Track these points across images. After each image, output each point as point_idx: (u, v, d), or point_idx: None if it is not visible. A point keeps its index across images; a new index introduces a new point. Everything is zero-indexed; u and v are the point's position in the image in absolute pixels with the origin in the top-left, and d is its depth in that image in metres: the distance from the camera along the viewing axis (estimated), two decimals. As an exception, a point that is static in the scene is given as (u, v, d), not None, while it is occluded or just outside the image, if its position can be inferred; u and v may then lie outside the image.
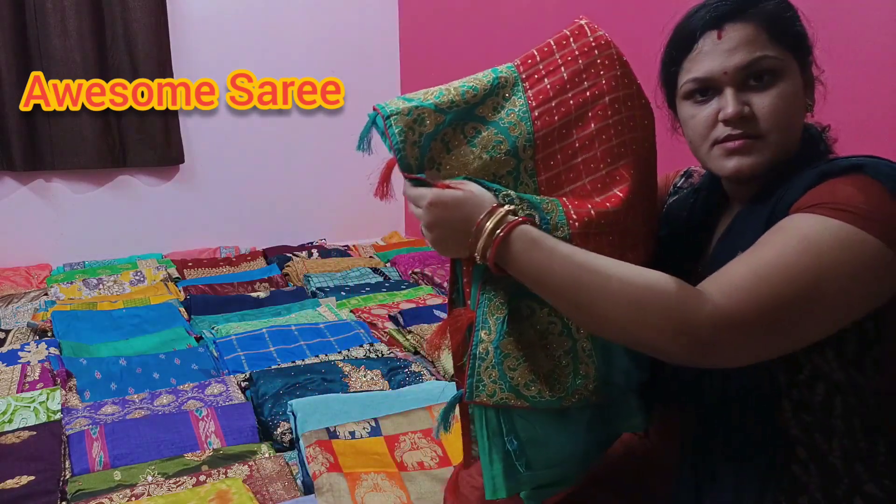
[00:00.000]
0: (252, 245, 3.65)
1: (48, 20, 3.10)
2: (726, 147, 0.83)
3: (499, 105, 0.87)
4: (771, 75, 0.81)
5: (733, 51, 0.81)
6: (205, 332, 2.39)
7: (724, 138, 0.83)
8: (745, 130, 0.82)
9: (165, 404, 1.81)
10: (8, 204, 3.26)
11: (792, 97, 0.82)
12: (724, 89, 0.83)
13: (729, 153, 0.83)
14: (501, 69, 0.90)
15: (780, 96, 0.81)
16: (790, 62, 0.82)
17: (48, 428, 1.65)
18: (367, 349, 2.16)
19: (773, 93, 0.81)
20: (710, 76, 0.83)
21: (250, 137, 3.68)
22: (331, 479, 1.40)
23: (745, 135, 0.82)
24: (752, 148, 0.82)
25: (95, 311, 2.59)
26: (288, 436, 1.68)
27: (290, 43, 3.69)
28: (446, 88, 0.86)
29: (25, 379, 1.91)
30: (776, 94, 0.81)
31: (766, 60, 0.80)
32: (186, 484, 1.43)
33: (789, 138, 0.83)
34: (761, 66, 0.81)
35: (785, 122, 0.82)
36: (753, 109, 0.82)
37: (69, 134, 3.20)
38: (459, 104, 0.85)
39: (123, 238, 3.45)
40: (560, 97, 0.88)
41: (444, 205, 0.81)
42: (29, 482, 1.44)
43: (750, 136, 0.82)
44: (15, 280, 3.05)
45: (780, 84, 0.81)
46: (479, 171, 0.85)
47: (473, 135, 0.86)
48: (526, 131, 0.86)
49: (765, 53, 0.80)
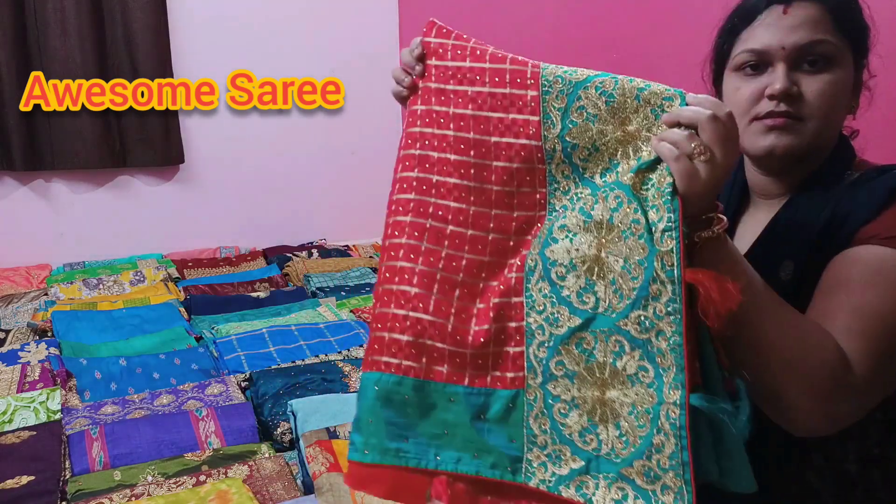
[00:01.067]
0: (252, 245, 3.64)
1: (48, 20, 3.10)
2: (766, 123, 0.82)
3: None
4: (826, 61, 0.80)
5: (796, 28, 0.80)
6: (205, 332, 2.39)
7: (766, 114, 0.82)
8: (789, 109, 0.81)
9: (165, 404, 1.81)
10: (8, 204, 3.26)
11: (841, 88, 0.81)
12: (776, 65, 0.81)
13: (767, 130, 0.82)
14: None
15: (831, 83, 0.80)
16: (847, 54, 0.81)
17: (48, 428, 1.64)
18: (367, 349, 2.16)
19: (824, 78, 0.80)
20: (767, 49, 0.82)
21: (250, 137, 3.67)
22: (331, 479, 1.40)
23: (788, 114, 0.81)
24: (791, 129, 0.81)
25: (95, 311, 2.59)
26: (288, 436, 1.67)
27: (290, 43, 3.69)
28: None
29: (25, 379, 1.91)
30: (827, 80, 0.80)
31: (825, 45, 0.80)
32: (186, 484, 1.43)
33: (828, 130, 0.82)
34: (819, 50, 0.80)
35: (828, 111, 0.81)
36: (801, 91, 0.81)
37: (69, 134, 3.20)
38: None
39: (123, 238, 3.45)
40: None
41: (730, 117, 0.68)
42: (29, 482, 1.44)
43: (791, 117, 0.81)
44: (15, 280, 3.05)
45: (833, 71, 0.80)
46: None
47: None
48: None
49: (826, 37, 0.80)
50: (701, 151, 0.66)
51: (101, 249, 3.39)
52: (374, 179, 4.03)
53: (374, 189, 4.35)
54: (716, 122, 0.66)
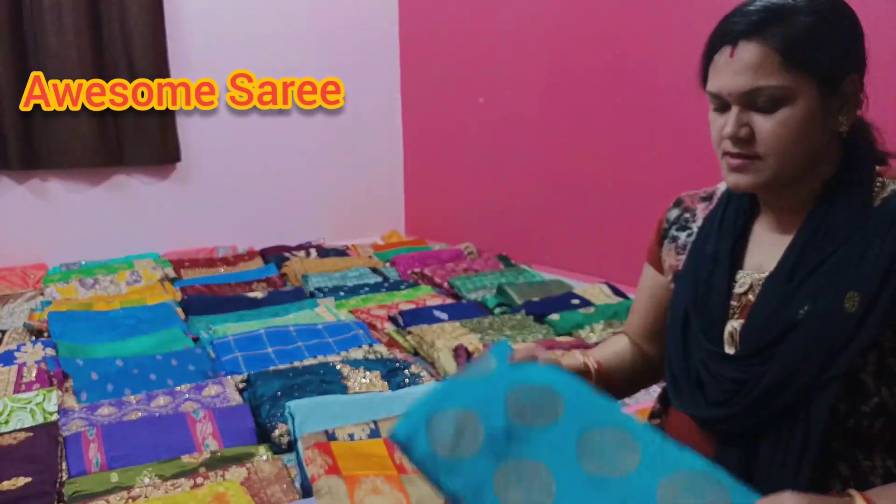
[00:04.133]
0: (249, 245, 3.63)
1: (45, 19, 3.09)
2: (728, 162, 0.85)
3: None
4: (774, 102, 0.80)
5: (739, 73, 0.80)
6: (202, 333, 2.38)
7: (727, 153, 0.85)
8: (742, 150, 0.83)
9: (162, 406, 1.80)
10: (4, 203, 3.24)
11: (798, 123, 0.80)
12: (732, 107, 0.83)
13: (730, 168, 0.85)
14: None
15: (782, 123, 0.80)
16: (803, 88, 0.79)
17: (45, 429, 1.63)
18: (365, 350, 2.15)
19: (775, 118, 0.80)
20: (719, 94, 0.84)
21: (250, 137, 3.67)
22: (329, 481, 1.39)
23: (743, 154, 0.83)
24: (750, 168, 0.83)
25: (92, 311, 2.58)
26: (286, 438, 1.66)
27: (290, 43, 3.69)
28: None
29: (22, 380, 1.90)
30: (778, 120, 0.80)
31: (767, 90, 0.79)
32: (184, 486, 1.42)
33: (793, 160, 0.82)
34: (765, 94, 0.80)
35: (785, 148, 0.81)
36: (755, 130, 0.82)
37: (65, 133, 3.19)
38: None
39: (120, 238, 3.44)
40: None
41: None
42: (25, 484, 1.43)
43: (747, 157, 0.83)
44: (11, 280, 3.03)
45: (785, 110, 0.80)
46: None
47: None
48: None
49: (767, 83, 0.79)
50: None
51: (98, 249, 3.38)
52: (374, 179, 4.08)
53: (373, 189, 4.39)
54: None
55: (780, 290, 0.83)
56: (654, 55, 2.52)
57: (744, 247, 0.92)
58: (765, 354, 0.82)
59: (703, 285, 0.92)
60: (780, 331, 0.81)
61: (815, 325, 0.79)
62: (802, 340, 0.80)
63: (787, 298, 0.82)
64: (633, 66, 2.60)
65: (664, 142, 2.49)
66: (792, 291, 0.83)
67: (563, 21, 2.89)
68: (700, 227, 0.98)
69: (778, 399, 0.81)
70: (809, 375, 0.79)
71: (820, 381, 0.78)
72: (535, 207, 3.18)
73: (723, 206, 0.96)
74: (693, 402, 0.90)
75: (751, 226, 0.93)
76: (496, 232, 3.47)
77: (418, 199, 4.11)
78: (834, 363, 0.78)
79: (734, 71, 0.81)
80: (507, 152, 3.30)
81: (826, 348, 0.78)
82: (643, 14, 2.55)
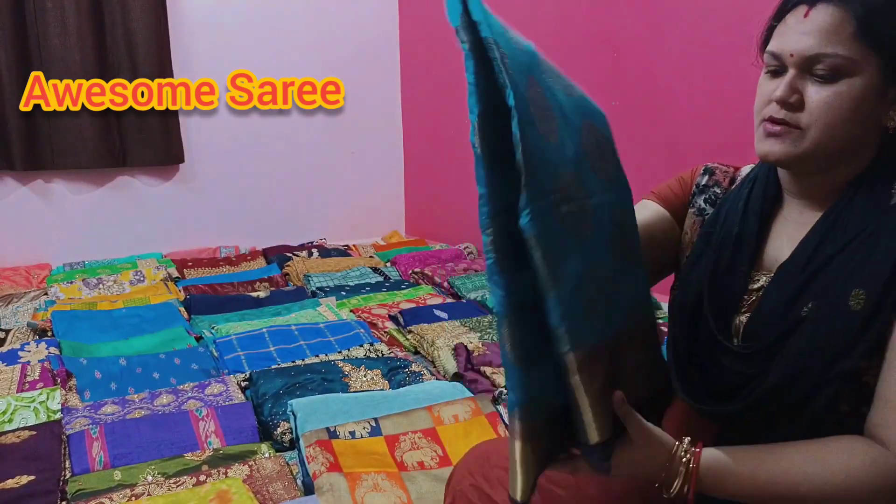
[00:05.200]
0: (252, 245, 3.65)
1: (48, 20, 3.10)
2: (765, 128, 0.81)
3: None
4: (834, 73, 0.77)
5: (808, 34, 0.77)
6: (205, 332, 2.39)
7: (768, 118, 0.81)
8: (787, 117, 0.79)
9: (165, 404, 1.81)
10: (8, 204, 3.26)
11: (852, 100, 0.77)
12: (788, 70, 0.80)
13: (766, 135, 0.81)
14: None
15: (837, 95, 0.77)
16: (869, 64, 0.76)
17: (48, 428, 1.64)
18: (367, 349, 2.16)
19: (831, 89, 0.77)
20: (780, 54, 0.80)
21: (250, 137, 3.68)
22: (331, 479, 1.40)
23: (785, 121, 0.80)
24: (788, 136, 0.80)
25: (95, 310, 2.59)
26: (288, 436, 1.68)
27: (290, 43, 3.69)
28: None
29: (25, 378, 1.91)
30: (833, 92, 0.77)
31: (833, 59, 0.76)
32: (186, 484, 1.43)
33: (834, 141, 0.79)
34: (827, 63, 0.77)
35: (832, 122, 0.77)
36: (805, 99, 0.79)
37: (69, 134, 3.20)
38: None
39: (123, 238, 3.45)
40: None
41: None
42: (29, 482, 1.44)
43: (789, 124, 0.79)
44: (15, 280, 3.05)
45: (843, 82, 0.77)
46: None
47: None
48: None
49: (835, 51, 0.76)
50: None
51: (101, 249, 3.40)
52: (374, 179, 4.09)
53: (373, 189, 4.39)
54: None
55: (788, 286, 0.82)
56: (652, 58, 2.52)
57: (764, 238, 0.89)
58: (770, 350, 0.81)
59: (724, 270, 0.89)
60: (786, 327, 0.80)
61: (819, 322, 0.78)
62: (807, 338, 0.78)
63: (795, 295, 0.81)
64: (632, 68, 2.60)
65: (662, 143, 2.50)
66: (799, 288, 0.81)
67: (562, 23, 2.89)
68: (720, 208, 0.94)
69: (783, 396, 0.80)
70: (815, 373, 0.78)
71: (824, 380, 0.77)
72: (536, 206, 3.19)
73: (748, 190, 0.92)
74: (697, 393, 0.88)
75: (774, 215, 0.90)
76: (497, 231, 3.47)
77: (418, 200, 4.12)
78: (838, 362, 0.76)
79: (804, 31, 0.77)
80: (508, 152, 3.30)
81: (831, 346, 0.77)
82: (641, 17, 2.55)
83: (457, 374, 2.01)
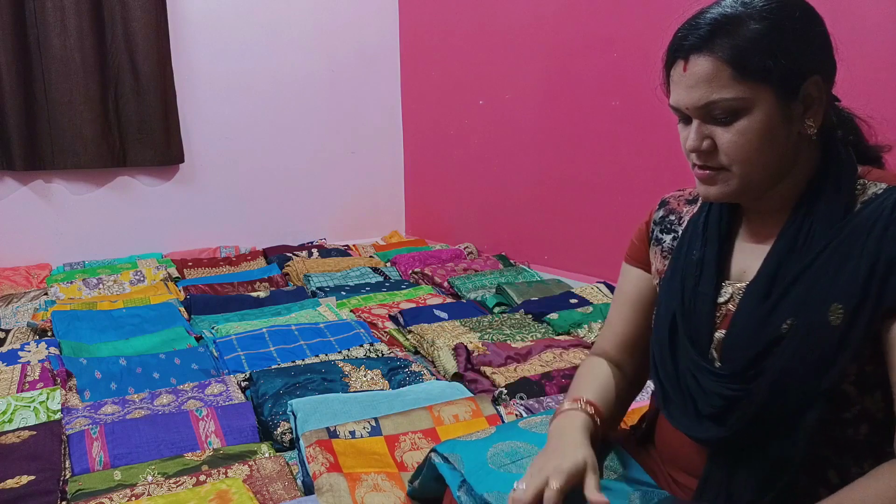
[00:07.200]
0: (252, 245, 3.65)
1: (48, 20, 3.10)
2: (696, 173, 0.85)
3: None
4: (731, 114, 0.79)
5: (693, 87, 0.80)
6: (205, 332, 2.39)
7: (694, 165, 0.85)
8: (706, 163, 0.83)
9: (165, 404, 1.81)
10: (8, 204, 3.26)
11: (757, 132, 0.78)
12: (692, 120, 0.83)
13: (699, 180, 0.85)
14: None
15: (741, 133, 0.79)
16: (759, 96, 0.78)
17: (48, 427, 1.64)
18: (367, 349, 2.16)
19: (734, 129, 0.79)
20: (678, 107, 0.84)
21: (250, 137, 3.68)
22: (331, 479, 1.40)
23: (709, 166, 0.83)
24: (716, 179, 0.83)
25: (95, 310, 2.59)
26: (288, 435, 1.68)
27: (291, 43, 3.70)
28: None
29: (25, 378, 1.91)
30: (737, 131, 0.79)
31: (722, 103, 0.78)
32: (186, 484, 1.43)
33: (761, 169, 0.81)
34: (720, 107, 0.79)
35: (749, 157, 0.80)
36: (716, 142, 0.81)
37: (69, 134, 3.20)
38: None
39: (123, 238, 3.46)
40: None
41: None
42: (29, 482, 1.44)
43: (714, 168, 0.82)
44: (15, 280, 3.05)
45: (742, 120, 0.79)
46: None
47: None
48: None
49: (721, 96, 0.78)
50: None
51: (101, 249, 3.40)
52: (375, 180, 4.09)
53: (373, 189, 4.40)
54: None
55: (761, 302, 0.82)
56: (651, 58, 2.52)
57: (728, 253, 0.91)
58: (752, 370, 0.81)
59: (690, 293, 0.90)
60: (764, 345, 0.80)
61: (800, 338, 0.78)
62: (789, 355, 0.78)
63: (769, 311, 0.81)
64: (631, 69, 2.61)
65: (661, 144, 2.50)
66: (773, 304, 0.81)
67: (563, 24, 2.89)
68: (684, 231, 0.97)
69: (770, 415, 0.80)
70: (800, 391, 0.77)
71: (812, 396, 0.77)
72: (534, 208, 3.19)
73: (706, 210, 0.94)
74: (687, 420, 0.88)
75: (735, 230, 0.92)
76: (495, 232, 3.48)
77: (418, 200, 4.12)
78: (823, 377, 0.76)
79: (688, 85, 0.81)
80: (507, 153, 3.31)
81: (814, 362, 0.77)
82: (641, 18, 2.56)
83: (457, 374, 2.01)
